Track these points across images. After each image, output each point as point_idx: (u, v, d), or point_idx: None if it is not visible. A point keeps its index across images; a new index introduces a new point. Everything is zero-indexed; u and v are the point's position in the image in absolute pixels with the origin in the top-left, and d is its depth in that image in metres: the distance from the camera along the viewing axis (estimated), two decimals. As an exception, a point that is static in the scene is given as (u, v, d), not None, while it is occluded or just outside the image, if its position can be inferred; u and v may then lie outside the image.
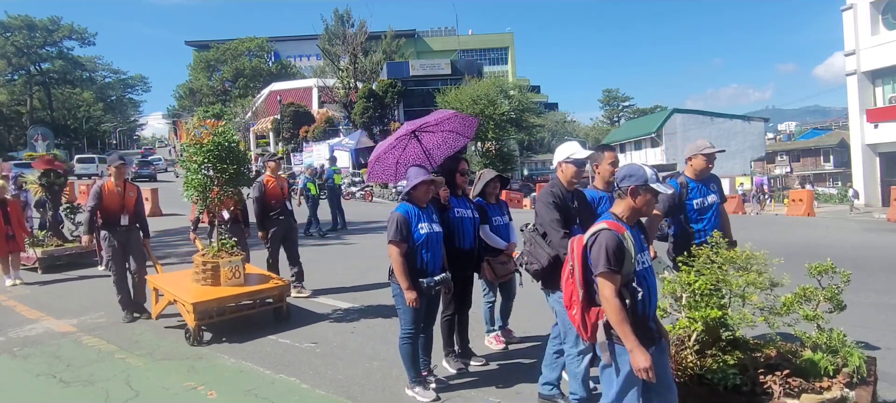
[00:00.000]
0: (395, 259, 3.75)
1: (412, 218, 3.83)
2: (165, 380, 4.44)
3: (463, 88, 35.12)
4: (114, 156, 6.95)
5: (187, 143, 5.58)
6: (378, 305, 6.60)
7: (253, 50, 68.59)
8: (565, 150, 3.70)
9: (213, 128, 5.58)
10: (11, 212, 8.23)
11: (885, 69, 25.54)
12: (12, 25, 58.46)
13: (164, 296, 5.71)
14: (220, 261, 5.57)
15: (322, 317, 6.10)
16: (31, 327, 6.00)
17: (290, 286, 6.48)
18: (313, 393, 4.12)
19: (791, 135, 76.86)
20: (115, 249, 6.06)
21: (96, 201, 6.02)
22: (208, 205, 5.67)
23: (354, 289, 7.34)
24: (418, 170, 3.97)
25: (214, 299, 5.37)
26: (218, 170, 5.50)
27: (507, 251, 4.66)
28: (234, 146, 5.59)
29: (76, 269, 8.98)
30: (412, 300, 3.73)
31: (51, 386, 4.38)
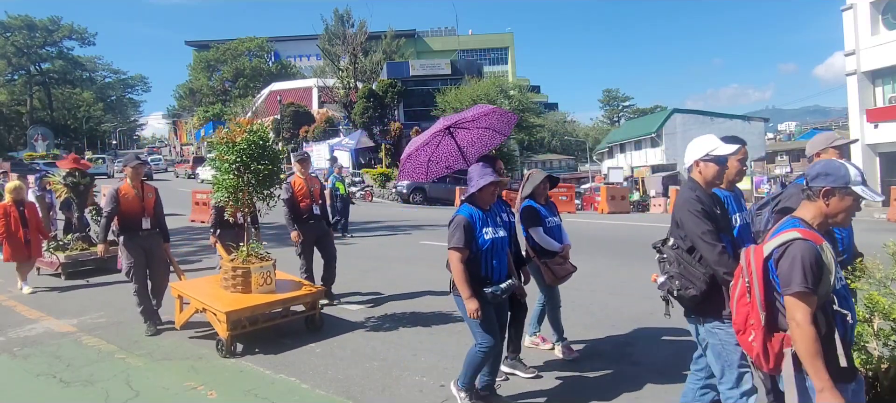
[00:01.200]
0: (455, 266, 3.42)
1: (477, 222, 3.50)
2: (165, 380, 4.44)
3: (463, 88, 35.12)
4: (130, 155, 6.56)
5: (218, 142, 5.29)
6: (378, 305, 6.61)
7: (253, 50, 68.63)
8: (704, 145, 3.07)
9: (247, 126, 5.30)
10: (30, 216, 7.88)
11: (885, 69, 25.53)
12: (12, 25, 58.47)
13: (191, 305, 5.36)
14: (252, 267, 5.27)
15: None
16: (31, 327, 5.99)
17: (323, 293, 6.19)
18: (313, 393, 4.12)
19: (791, 135, 76.80)
20: (136, 256, 5.67)
21: (113, 205, 5.65)
22: (239, 207, 5.33)
23: (354, 290, 7.34)
24: (483, 168, 3.58)
25: (248, 307, 5.04)
26: (252, 171, 5.18)
27: (561, 253, 4.51)
28: (268, 144, 5.31)
29: (101, 275, 8.51)
30: (473, 310, 3.38)
31: (51, 386, 4.38)
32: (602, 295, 6.96)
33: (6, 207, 7.70)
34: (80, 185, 9.09)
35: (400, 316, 6.12)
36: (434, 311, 6.25)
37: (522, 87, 42.36)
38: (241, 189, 5.21)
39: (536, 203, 4.58)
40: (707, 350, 2.94)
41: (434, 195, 26.37)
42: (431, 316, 6.07)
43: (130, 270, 5.65)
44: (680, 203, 3.01)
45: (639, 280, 7.74)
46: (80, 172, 9.16)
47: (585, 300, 6.66)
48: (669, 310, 3.10)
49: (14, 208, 7.72)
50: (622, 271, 8.32)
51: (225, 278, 5.37)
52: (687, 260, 2.92)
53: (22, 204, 7.84)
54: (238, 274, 5.26)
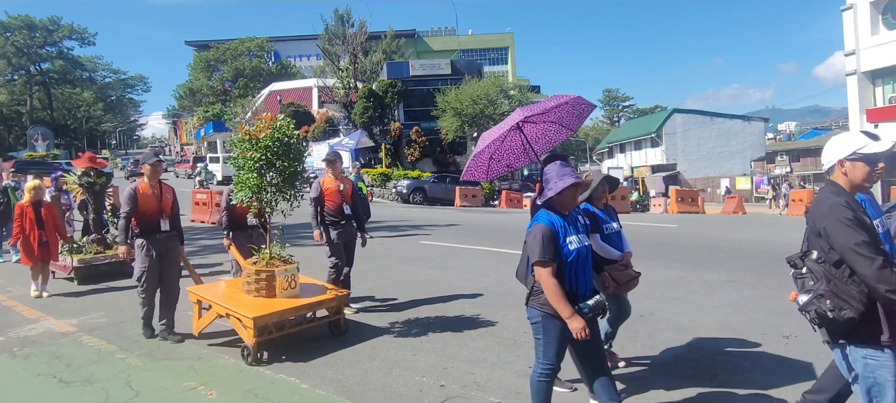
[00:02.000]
0: (546, 283, 2.98)
1: (559, 230, 3.07)
2: (165, 380, 4.44)
3: (463, 88, 35.09)
4: (148, 153, 6.21)
5: (239, 139, 5.00)
6: (378, 305, 6.61)
7: (253, 50, 68.60)
8: (850, 143, 2.64)
9: (271, 122, 5.01)
10: (47, 217, 7.53)
11: (885, 69, 25.55)
12: (12, 25, 58.43)
13: (211, 310, 5.09)
14: (276, 270, 5.03)
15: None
16: (31, 327, 5.99)
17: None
18: (313, 393, 4.12)
19: (791, 135, 76.81)
20: (151, 260, 5.37)
21: (131, 205, 5.31)
22: (261, 208, 5.05)
23: (354, 290, 7.33)
24: (561, 168, 3.15)
25: (275, 313, 4.80)
26: (276, 169, 4.92)
27: (622, 261, 4.20)
28: (293, 141, 5.04)
29: (116, 279, 8.13)
30: (580, 330, 2.92)
31: (51, 386, 4.37)
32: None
33: (22, 207, 7.45)
34: (95, 185, 8.69)
35: (400, 316, 6.12)
36: (434, 311, 6.26)
37: (522, 87, 42.28)
38: (264, 188, 4.94)
39: (594, 207, 4.23)
40: (856, 382, 2.56)
41: (434, 195, 26.38)
42: (431, 315, 6.07)
43: (143, 274, 5.37)
44: (824, 210, 2.56)
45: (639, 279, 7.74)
46: (95, 172, 8.75)
47: (585, 300, 6.65)
48: (821, 335, 2.63)
49: (31, 209, 7.46)
50: (622, 271, 8.31)
51: (247, 281, 5.11)
52: (835, 274, 2.51)
53: (40, 205, 7.56)
54: (262, 277, 5.02)
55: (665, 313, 6.00)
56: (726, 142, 44.22)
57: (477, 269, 8.66)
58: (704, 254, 9.69)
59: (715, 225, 15.22)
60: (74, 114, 69.90)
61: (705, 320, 5.70)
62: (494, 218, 18.11)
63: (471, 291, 7.15)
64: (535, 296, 3.13)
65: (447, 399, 3.97)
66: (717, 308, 6.15)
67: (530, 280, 3.17)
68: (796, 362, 4.46)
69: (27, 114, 61.97)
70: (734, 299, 6.50)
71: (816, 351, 4.67)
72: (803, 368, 4.33)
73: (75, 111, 69.90)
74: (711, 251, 10.08)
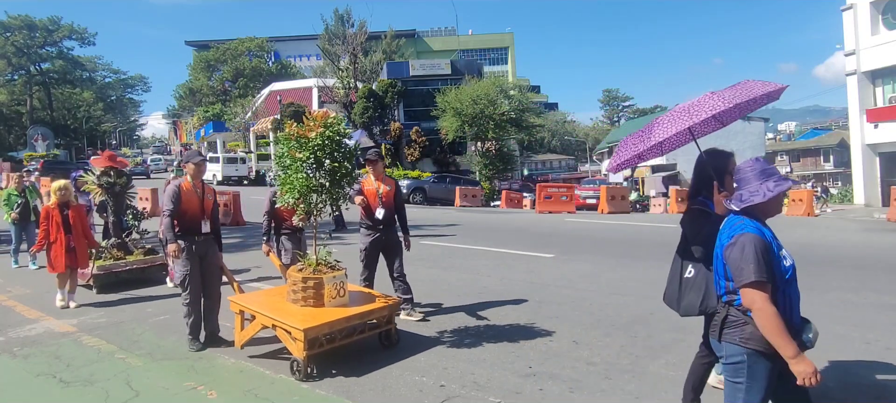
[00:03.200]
0: (764, 311, 2.31)
1: (773, 244, 2.45)
2: (165, 380, 4.44)
3: (463, 88, 35.08)
4: (192, 151, 5.83)
5: (287, 136, 4.71)
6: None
7: (253, 50, 68.62)
8: None
9: (322, 120, 4.69)
10: (75, 220, 6.97)
11: (885, 69, 25.54)
12: (12, 25, 58.43)
13: (256, 321, 4.74)
14: (324, 277, 4.70)
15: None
16: (31, 327, 5.99)
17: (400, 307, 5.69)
18: (313, 393, 4.12)
19: (791, 135, 76.88)
20: (193, 262, 5.13)
21: (175, 205, 5.07)
22: (309, 211, 4.73)
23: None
24: (765, 166, 2.56)
25: (326, 324, 4.45)
26: (326, 169, 4.63)
27: None
28: (344, 140, 4.76)
29: (138, 287, 7.67)
30: (810, 375, 2.27)
31: (51, 386, 4.37)
32: (602, 295, 6.95)
33: (49, 210, 6.91)
34: (115, 186, 8.20)
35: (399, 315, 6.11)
36: (434, 311, 6.26)
37: (522, 87, 42.28)
38: (314, 190, 4.62)
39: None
40: None
41: (434, 195, 26.37)
42: (431, 315, 6.07)
43: (185, 278, 5.11)
44: None
45: (639, 280, 7.74)
46: (115, 171, 8.28)
47: (585, 300, 6.66)
48: None
49: (57, 211, 6.88)
50: (622, 271, 8.31)
51: (293, 290, 4.76)
52: None
53: (67, 207, 7.00)
54: (309, 285, 4.68)
55: (665, 313, 5.98)
56: (726, 142, 43.20)
57: (477, 269, 8.66)
58: (704, 254, 9.67)
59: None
60: (74, 114, 69.89)
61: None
62: (495, 219, 18.11)
63: (471, 291, 7.15)
64: (733, 329, 2.47)
65: (447, 399, 3.97)
66: (717, 308, 6.14)
67: (717, 306, 2.61)
68: (796, 362, 4.46)
69: (27, 114, 61.98)
70: (734, 299, 6.49)
71: (815, 351, 4.67)
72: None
73: (75, 111, 69.89)
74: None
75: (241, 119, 52.47)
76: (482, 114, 33.84)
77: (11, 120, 62.10)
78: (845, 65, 27.24)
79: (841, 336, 5.03)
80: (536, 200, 20.30)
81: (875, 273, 7.73)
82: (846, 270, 7.89)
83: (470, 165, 37.28)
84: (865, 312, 5.82)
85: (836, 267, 8.19)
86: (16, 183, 9.99)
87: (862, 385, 4.04)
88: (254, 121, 51.61)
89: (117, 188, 8.23)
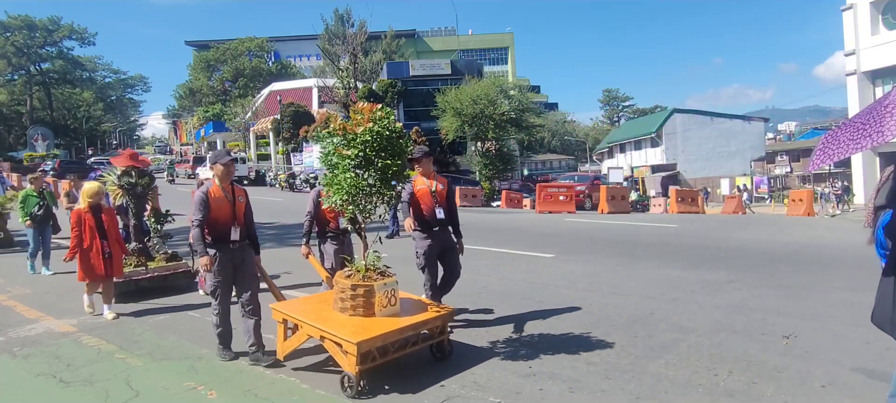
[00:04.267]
0: None
1: None
2: (165, 380, 4.44)
3: (463, 88, 35.11)
4: (220, 151, 5.33)
5: (334, 131, 4.38)
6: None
7: (253, 50, 68.69)
8: None
9: (371, 113, 4.35)
10: (108, 224, 6.53)
11: (885, 69, 25.56)
12: (12, 25, 58.48)
13: (300, 331, 4.42)
14: (375, 284, 4.36)
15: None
16: (31, 327, 5.99)
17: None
18: (313, 393, 4.12)
19: (791, 135, 76.88)
20: (225, 272, 4.76)
21: (204, 211, 4.69)
22: (359, 212, 4.44)
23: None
24: None
25: (379, 336, 4.08)
26: (377, 168, 4.28)
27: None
28: (395, 135, 4.40)
29: (161, 296, 7.16)
30: None
31: (51, 386, 4.37)
32: (602, 295, 6.95)
33: (81, 213, 6.38)
34: (137, 186, 7.69)
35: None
36: (434, 311, 6.25)
37: (522, 87, 42.31)
38: (363, 189, 4.30)
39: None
40: None
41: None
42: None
43: (216, 289, 4.77)
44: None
45: (639, 280, 7.74)
46: (137, 171, 7.77)
47: (585, 300, 6.66)
48: None
49: (90, 215, 6.40)
50: (622, 271, 8.31)
51: (341, 298, 4.42)
52: None
53: (100, 211, 6.53)
54: (358, 293, 4.33)
55: (665, 313, 6.01)
56: (726, 142, 44.22)
57: (477, 269, 8.66)
58: (704, 254, 9.69)
59: (715, 226, 15.22)
60: (74, 114, 69.94)
61: (705, 320, 5.70)
62: (495, 219, 18.11)
63: (471, 291, 7.14)
64: None
65: (447, 399, 3.96)
66: (716, 308, 6.15)
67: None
68: (796, 362, 4.46)
69: (27, 114, 62.01)
70: (734, 299, 6.50)
71: (816, 351, 4.68)
72: (803, 368, 4.33)
73: (75, 111, 69.94)
74: (711, 251, 10.08)
75: (241, 119, 52.52)
76: (482, 114, 33.86)
77: (11, 120, 62.13)
78: (845, 65, 27.25)
79: (841, 336, 5.03)
80: (536, 200, 20.31)
81: (875, 273, 7.70)
82: (846, 270, 7.87)
83: (470, 165, 37.31)
84: (865, 312, 5.80)
85: (836, 266, 8.17)
86: (34, 184, 9.55)
87: (862, 384, 4.04)
88: (254, 121, 51.64)
89: (139, 189, 7.72)
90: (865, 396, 3.83)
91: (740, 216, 21.42)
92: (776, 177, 43.54)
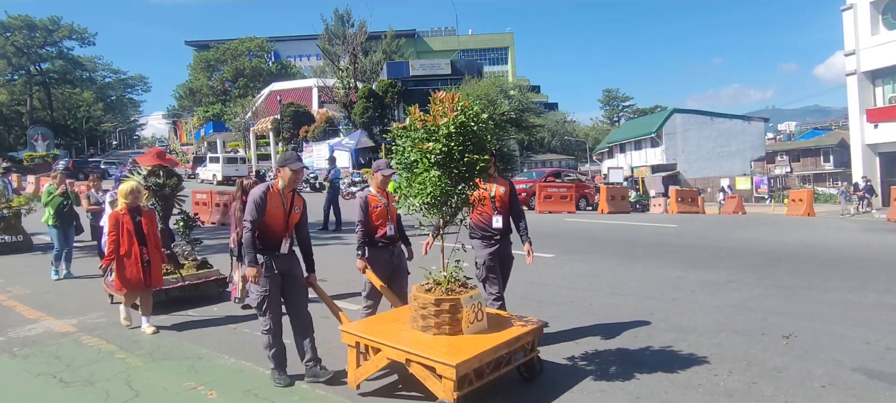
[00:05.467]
0: None
1: None
2: (165, 380, 4.44)
3: (463, 88, 35.13)
4: (291, 154, 4.67)
5: (412, 124, 3.94)
6: (377, 305, 6.59)
7: (253, 50, 68.73)
8: None
9: (454, 103, 3.90)
10: (148, 228, 5.86)
11: (885, 69, 25.55)
12: (12, 25, 58.53)
13: (380, 354, 3.86)
14: (462, 298, 3.87)
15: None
16: (31, 327, 5.99)
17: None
18: (313, 393, 4.12)
19: (791, 135, 76.91)
20: (273, 281, 4.26)
21: (258, 214, 4.21)
22: (444, 216, 4.02)
23: (353, 290, 7.32)
24: None
25: (476, 356, 3.57)
26: (464, 164, 3.81)
27: None
28: (481, 127, 3.92)
29: (192, 306, 6.52)
30: None
31: (51, 386, 4.37)
32: (602, 295, 6.95)
33: (118, 217, 5.70)
34: (165, 188, 7.03)
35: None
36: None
37: (522, 87, 42.37)
38: (449, 189, 3.85)
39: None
40: None
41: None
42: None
43: (264, 301, 4.24)
44: None
45: (639, 280, 7.74)
46: (166, 171, 7.12)
47: (585, 300, 6.66)
48: None
49: (129, 217, 5.72)
50: (622, 271, 8.31)
51: (423, 314, 3.90)
52: None
53: (139, 213, 5.86)
54: (443, 308, 3.83)
55: (665, 313, 6.01)
56: (726, 142, 44.23)
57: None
58: (704, 254, 9.69)
59: (715, 226, 15.22)
60: (74, 114, 69.98)
61: (705, 320, 5.70)
62: (494, 218, 18.09)
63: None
64: None
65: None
66: (717, 308, 6.15)
67: None
68: (796, 362, 4.46)
69: (27, 114, 62.04)
70: (734, 299, 6.50)
71: (816, 351, 4.68)
72: (803, 368, 4.33)
73: (75, 111, 69.99)
74: (711, 251, 10.08)
75: (241, 119, 52.52)
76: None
77: (11, 120, 62.15)
78: (845, 65, 27.24)
79: (841, 336, 5.03)
80: (536, 200, 20.31)
81: (875, 273, 7.73)
82: (846, 270, 7.88)
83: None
84: (865, 312, 5.82)
85: (836, 266, 8.19)
86: (57, 182, 9.03)
87: (862, 384, 4.04)
88: (254, 121, 51.66)
89: (167, 190, 7.06)
90: (865, 396, 3.83)
91: (740, 216, 21.42)
92: (776, 177, 43.55)
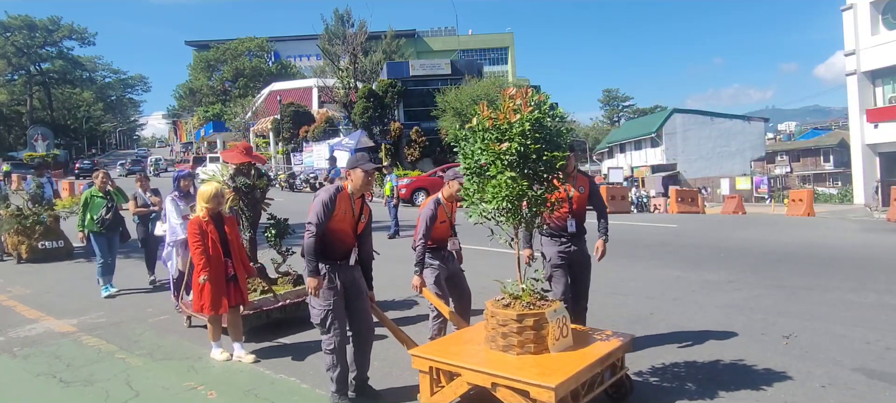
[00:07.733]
0: None
1: None
2: (165, 380, 4.44)
3: (463, 88, 35.07)
4: (362, 155, 4.19)
5: (480, 123, 3.54)
6: (385, 306, 6.59)
7: (253, 50, 68.70)
8: None
9: (526, 97, 3.51)
10: (232, 238, 4.92)
11: (885, 69, 25.54)
12: (12, 25, 58.55)
13: (459, 379, 3.41)
14: (546, 312, 3.48)
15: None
16: (31, 327, 5.99)
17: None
18: (313, 393, 4.12)
19: (791, 135, 76.90)
20: (336, 294, 3.78)
21: (325, 218, 3.72)
22: (521, 221, 3.64)
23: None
24: None
25: (573, 376, 3.19)
26: (543, 163, 3.44)
27: None
28: (555, 124, 3.56)
29: (291, 333, 5.48)
30: None
31: (51, 386, 4.38)
32: (602, 295, 6.95)
33: (201, 224, 4.76)
34: (255, 190, 5.87)
35: (398, 315, 6.11)
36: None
37: (522, 87, 42.32)
38: (524, 193, 3.46)
39: None
40: None
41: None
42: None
43: (327, 315, 3.76)
44: None
45: (639, 280, 7.74)
46: (256, 170, 5.96)
47: (585, 300, 6.65)
48: None
49: (212, 225, 4.80)
50: (622, 271, 8.31)
51: (503, 333, 3.49)
52: None
53: (222, 220, 4.92)
54: (526, 325, 3.44)
55: (665, 313, 6.00)
56: (726, 142, 44.23)
57: (477, 269, 8.64)
58: (704, 254, 9.68)
59: (715, 225, 15.22)
60: (74, 114, 70.01)
61: (705, 320, 5.70)
62: (494, 218, 18.08)
63: (471, 291, 7.13)
64: None
65: None
66: (717, 308, 6.15)
67: None
68: (796, 362, 4.46)
69: (27, 114, 62.04)
70: (734, 299, 6.50)
71: (816, 351, 4.68)
72: (803, 368, 4.33)
73: (75, 111, 70.02)
74: (711, 251, 10.08)
75: (241, 119, 52.52)
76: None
77: (11, 120, 62.15)
78: (845, 65, 27.24)
79: (841, 337, 5.03)
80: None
81: (875, 273, 7.72)
82: (846, 270, 7.87)
83: (470, 165, 37.19)
84: (865, 312, 5.82)
85: (836, 266, 8.18)
86: (100, 182, 7.71)
87: (862, 384, 4.04)
88: (254, 120, 51.66)
89: (257, 193, 5.92)
90: (865, 396, 3.83)
91: (740, 216, 21.42)
92: (776, 177, 43.54)
